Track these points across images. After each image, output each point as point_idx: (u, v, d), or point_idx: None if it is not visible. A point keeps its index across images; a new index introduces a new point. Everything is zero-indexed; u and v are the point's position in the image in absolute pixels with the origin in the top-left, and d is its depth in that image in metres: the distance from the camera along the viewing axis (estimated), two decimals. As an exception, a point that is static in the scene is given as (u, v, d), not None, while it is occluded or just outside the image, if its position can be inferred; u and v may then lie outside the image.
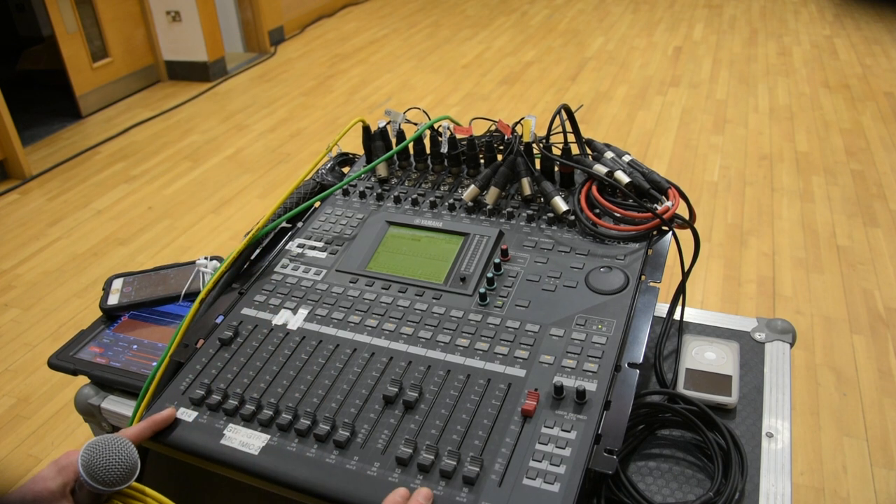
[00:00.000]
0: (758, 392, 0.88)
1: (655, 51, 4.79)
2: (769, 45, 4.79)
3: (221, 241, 2.87)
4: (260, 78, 4.71)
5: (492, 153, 1.05)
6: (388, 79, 4.53)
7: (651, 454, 0.81)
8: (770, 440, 0.81)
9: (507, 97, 4.15)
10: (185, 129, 3.97)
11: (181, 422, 0.77)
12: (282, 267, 0.97)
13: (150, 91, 4.58)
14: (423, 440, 0.71)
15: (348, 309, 0.88)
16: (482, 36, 5.28)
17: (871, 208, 2.84)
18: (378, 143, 1.12)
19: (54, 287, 2.62)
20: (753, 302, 2.35)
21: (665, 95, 4.04)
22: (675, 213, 0.92)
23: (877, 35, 4.88)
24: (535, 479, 0.66)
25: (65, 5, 3.92)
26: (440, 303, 0.87)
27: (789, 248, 2.61)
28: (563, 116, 1.00)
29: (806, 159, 3.26)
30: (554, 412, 0.72)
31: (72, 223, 3.06)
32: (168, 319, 1.06)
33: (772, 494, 0.75)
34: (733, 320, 1.00)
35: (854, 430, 1.86)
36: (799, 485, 1.72)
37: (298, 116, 4.04)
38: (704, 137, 3.52)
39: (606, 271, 0.88)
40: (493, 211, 1.00)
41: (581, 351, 0.78)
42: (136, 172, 3.49)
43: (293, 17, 5.57)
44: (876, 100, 3.85)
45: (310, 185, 1.09)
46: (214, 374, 0.82)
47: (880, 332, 2.19)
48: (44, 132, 3.97)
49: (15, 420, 2.03)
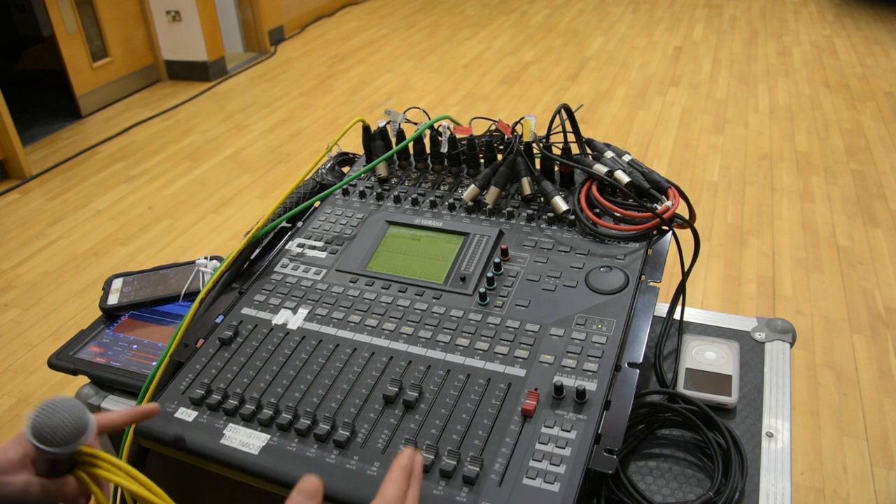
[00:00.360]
0: (758, 392, 0.88)
1: (655, 51, 4.79)
2: (769, 45, 4.79)
3: (221, 241, 2.87)
4: (260, 78, 4.71)
5: (492, 153, 1.05)
6: (388, 79, 4.53)
7: (651, 454, 0.80)
8: (770, 440, 0.81)
9: (507, 97, 4.15)
10: (185, 128, 3.97)
11: (181, 422, 0.77)
12: (282, 267, 0.97)
13: (149, 91, 4.58)
14: (422, 440, 0.71)
15: (348, 309, 0.88)
16: (482, 36, 5.28)
17: (871, 208, 2.84)
18: (378, 142, 1.12)
19: (54, 287, 2.62)
20: (753, 302, 2.35)
21: (665, 95, 4.04)
22: (675, 212, 0.92)
23: (877, 35, 4.88)
24: (535, 479, 0.66)
25: (65, 5, 3.92)
26: (440, 302, 0.87)
27: (789, 248, 2.61)
28: (563, 116, 1.00)
29: (806, 159, 3.26)
30: (554, 412, 0.72)
31: (72, 223, 3.06)
32: (168, 319, 1.06)
33: (772, 494, 0.75)
34: (733, 320, 1.00)
35: (854, 430, 1.86)
36: (799, 485, 1.72)
37: (298, 116, 4.04)
38: (704, 137, 3.52)
39: (606, 271, 0.88)
40: (493, 211, 1.00)
41: (581, 351, 0.78)
42: (135, 172, 3.49)
43: (293, 16, 5.57)
44: (876, 100, 3.85)
45: (310, 185, 1.09)
46: (214, 374, 0.82)
47: (880, 332, 2.19)
48: (44, 132, 3.97)
49: (15, 420, 2.03)
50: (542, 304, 0.85)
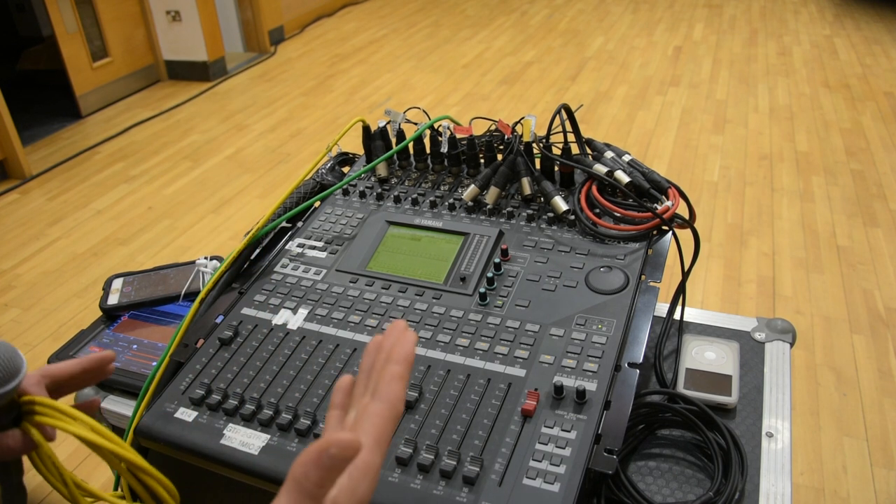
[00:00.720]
0: (758, 392, 0.88)
1: (655, 51, 4.79)
2: (769, 45, 4.79)
3: (221, 241, 2.87)
4: (260, 78, 4.71)
5: (492, 153, 1.05)
6: (388, 79, 4.53)
7: (651, 454, 0.81)
8: (770, 440, 0.81)
9: (507, 97, 4.15)
10: (185, 128, 3.97)
11: (181, 422, 0.77)
12: (282, 267, 0.97)
13: (149, 91, 4.58)
14: (423, 440, 0.71)
15: (348, 309, 0.88)
16: (482, 36, 5.27)
17: (871, 208, 2.84)
18: (378, 142, 1.12)
19: (54, 287, 2.62)
20: (753, 302, 2.35)
21: (665, 95, 4.04)
22: (675, 212, 0.92)
23: (877, 35, 4.88)
24: (535, 479, 0.66)
25: (65, 5, 3.92)
26: (440, 302, 0.87)
27: (789, 248, 2.61)
28: (563, 116, 1.00)
29: (806, 159, 3.26)
30: (554, 412, 0.72)
31: (72, 223, 3.06)
32: (168, 319, 1.06)
33: (772, 494, 0.75)
34: (733, 320, 1.00)
35: (854, 430, 1.86)
36: (799, 485, 1.72)
37: (298, 116, 4.04)
38: (704, 137, 3.52)
39: (606, 271, 0.88)
40: (493, 211, 1.00)
41: (581, 351, 0.78)
42: (135, 172, 3.49)
43: (293, 16, 5.57)
44: (876, 100, 3.85)
45: (310, 185, 1.09)
46: (214, 374, 0.82)
47: (880, 332, 2.19)
48: (44, 132, 3.97)
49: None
50: (542, 304, 0.85)
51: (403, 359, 0.53)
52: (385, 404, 0.51)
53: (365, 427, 0.49)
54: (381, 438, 0.49)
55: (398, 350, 0.54)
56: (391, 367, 0.53)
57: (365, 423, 0.49)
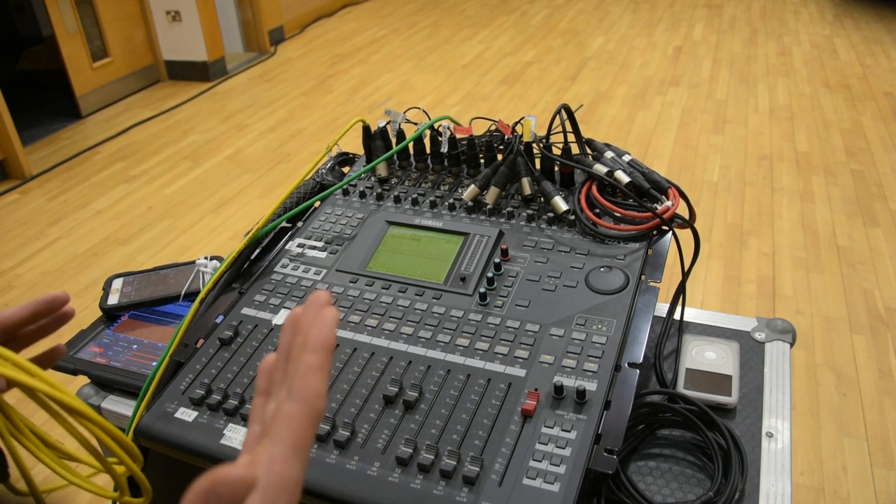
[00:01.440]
0: (758, 392, 0.88)
1: (655, 51, 4.79)
2: (769, 45, 4.79)
3: (221, 241, 2.87)
4: (260, 78, 4.71)
5: (492, 153, 1.05)
6: (388, 79, 4.53)
7: (651, 454, 0.81)
8: (770, 440, 0.81)
9: (507, 97, 4.15)
10: (185, 128, 3.97)
11: (181, 422, 0.77)
12: (282, 267, 0.97)
13: (150, 91, 4.58)
14: (423, 440, 0.71)
15: (348, 309, 0.88)
16: (482, 36, 5.28)
17: (871, 208, 2.84)
18: (378, 142, 1.12)
19: (54, 287, 2.62)
20: (753, 302, 2.35)
21: (665, 95, 4.04)
22: (675, 212, 0.92)
23: (877, 35, 4.88)
24: (535, 479, 0.66)
25: (65, 5, 3.92)
26: (440, 302, 0.87)
27: (789, 248, 2.61)
28: (563, 116, 1.00)
29: (806, 159, 3.26)
30: (554, 412, 0.72)
31: (72, 223, 3.06)
32: (168, 319, 1.06)
33: (772, 494, 0.75)
34: (733, 320, 1.00)
35: (854, 430, 1.86)
36: (799, 485, 1.72)
37: (298, 116, 4.04)
38: (704, 137, 3.52)
39: (606, 271, 0.88)
40: (493, 211, 1.00)
41: (581, 351, 0.78)
42: (135, 172, 3.49)
43: (293, 16, 5.57)
44: (876, 100, 3.85)
45: (310, 185, 1.09)
46: (214, 374, 0.82)
47: (880, 332, 2.19)
48: (44, 132, 3.97)
49: (15, 420, 2.03)
50: (542, 304, 0.85)
51: (320, 345, 0.46)
52: (300, 405, 0.44)
53: (280, 434, 0.44)
54: (298, 445, 0.44)
55: (315, 334, 0.46)
56: (306, 358, 0.45)
57: (280, 429, 0.44)
